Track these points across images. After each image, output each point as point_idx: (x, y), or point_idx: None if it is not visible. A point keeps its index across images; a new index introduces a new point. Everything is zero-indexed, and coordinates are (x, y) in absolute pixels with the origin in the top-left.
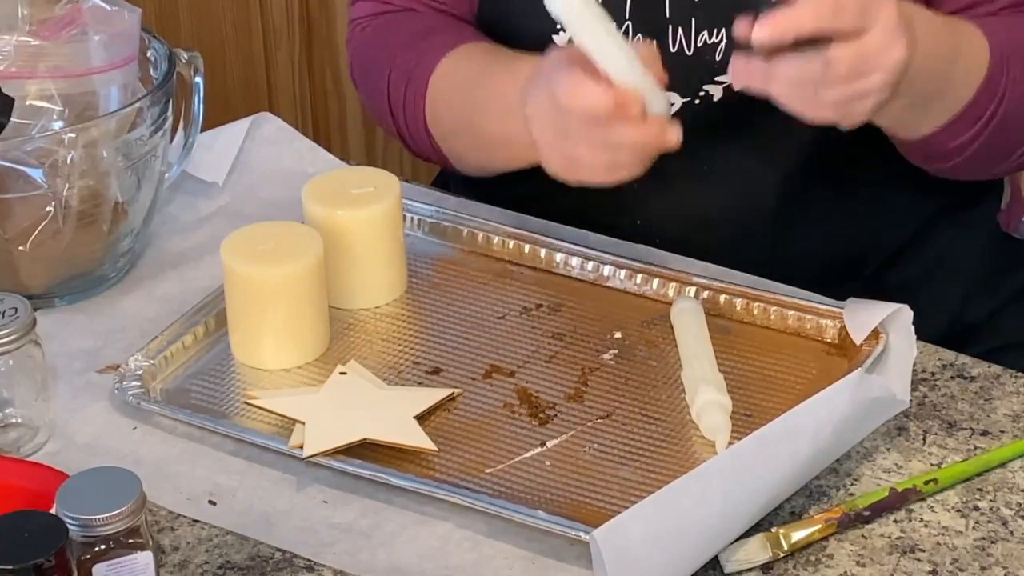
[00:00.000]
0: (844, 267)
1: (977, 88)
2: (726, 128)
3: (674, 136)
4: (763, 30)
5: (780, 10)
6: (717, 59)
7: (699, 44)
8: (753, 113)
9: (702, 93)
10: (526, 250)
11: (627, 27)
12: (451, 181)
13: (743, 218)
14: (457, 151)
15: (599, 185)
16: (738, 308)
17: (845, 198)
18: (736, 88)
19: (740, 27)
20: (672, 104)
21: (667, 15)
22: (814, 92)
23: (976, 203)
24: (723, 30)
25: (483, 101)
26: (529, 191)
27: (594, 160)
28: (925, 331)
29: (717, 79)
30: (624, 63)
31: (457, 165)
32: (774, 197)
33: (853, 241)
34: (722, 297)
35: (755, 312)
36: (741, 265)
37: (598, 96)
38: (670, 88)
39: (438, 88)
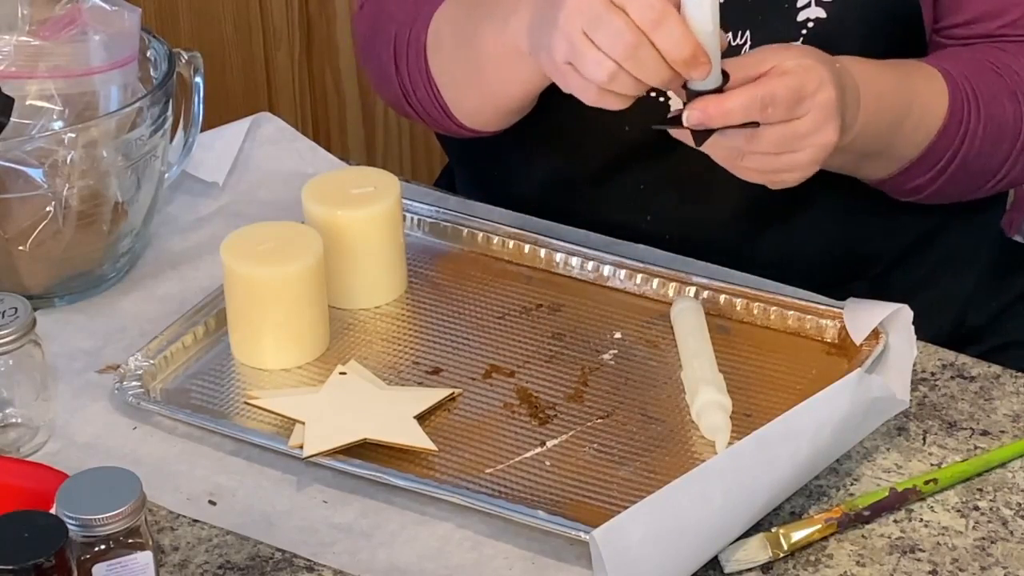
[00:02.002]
0: (851, 268)
1: (932, 138)
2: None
3: (698, 67)
4: (693, 116)
5: (713, 98)
6: None
7: None
8: None
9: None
10: (526, 250)
11: None
12: (456, 177)
13: (753, 217)
14: (455, 88)
15: (578, 95)
16: (738, 308)
17: (853, 199)
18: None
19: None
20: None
21: None
22: (740, 156)
23: (982, 206)
24: (747, 32)
25: (483, 15)
26: (535, 185)
27: (599, 67)
28: (928, 332)
29: None
30: (711, 22)
31: (456, 110)
32: (784, 196)
33: (861, 242)
34: (722, 297)
35: (755, 312)
36: (749, 264)
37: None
38: None
39: (440, 20)
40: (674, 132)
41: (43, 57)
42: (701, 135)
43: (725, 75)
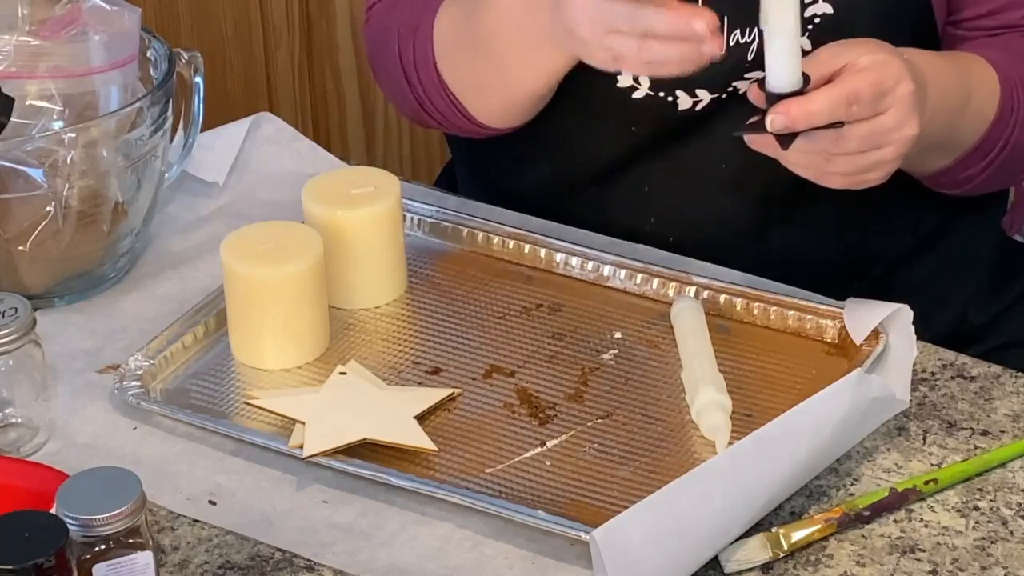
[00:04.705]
0: (852, 269)
1: (988, 126)
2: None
3: (701, 24)
4: (777, 120)
5: (796, 100)
6: (749, 58)
7: (731, 43)
8: None
9: (730, 89)
10: (526, 250)
11: None
12: (458, 175)
13: (755, 219)
14: (474, 93)
15: (650, 75)
16: (738, 308)
17: (855, 200)
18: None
19: (750, 91)
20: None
21: None
22: (826, 162)
23: (984, 207)
24: (755, 30)
25: (490, 20)
26: (538, 186)
27: (635, 55)
28: (929, 333)
29: (747, 75)
30: (792, 26)
31: (475, 112)
32: (787, 197)
33: (862, 243)
34: (722, 297)
35: (755, 312)
36: (750, 265)
37: None
38: (700, 84)
39: (442, 28)
40: (753, 140)
41: (43, 57)
42: (786, 139)
43: (806, 77)
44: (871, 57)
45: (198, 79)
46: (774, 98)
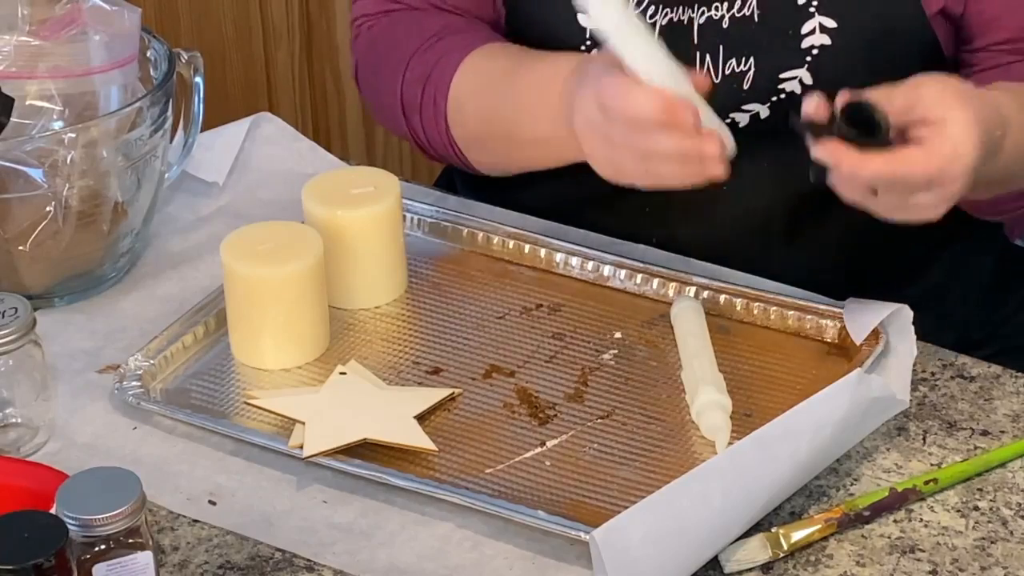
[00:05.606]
0: (854, 284)
1: None
2: (746, 153)
3: (713, 148)
4: (822, 152)
5: (850, 154)
6: (745, 87)
7: (727, 72)
8: (775, 140)
9: (728, 121)
10: (526, 250)
11: None
12: (457, 181)
13: (756, 237)
14: (481, 153)
15: (649, 189)
16: (738, 308)
17: (857, 219)
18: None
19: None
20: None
21: (695, 42)
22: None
23: (986, 222)
24: (751, 58)
25: (517, 101)
26: (540, 202)
27: (637, 169)
28: (929, 341)
29: (744, 107)
30: (667, 70)
31: (478, 165)
32: (787, 218)
33: (864, 260)
34: (722, 297)
35: (755, 312)
36: None
37: (643, 102)
38: None
39: (461, 89)
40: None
41: (43, 57)
42: (821, 173)
43: (886, 124)
44: (946, 141)
45: (198, 79)
46: (852, 135)
